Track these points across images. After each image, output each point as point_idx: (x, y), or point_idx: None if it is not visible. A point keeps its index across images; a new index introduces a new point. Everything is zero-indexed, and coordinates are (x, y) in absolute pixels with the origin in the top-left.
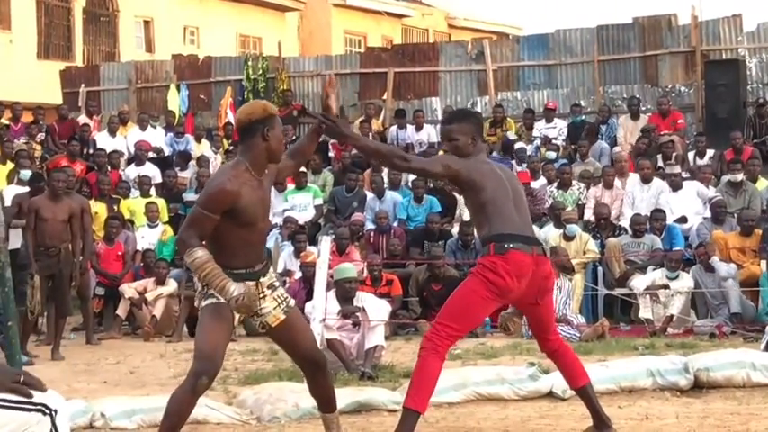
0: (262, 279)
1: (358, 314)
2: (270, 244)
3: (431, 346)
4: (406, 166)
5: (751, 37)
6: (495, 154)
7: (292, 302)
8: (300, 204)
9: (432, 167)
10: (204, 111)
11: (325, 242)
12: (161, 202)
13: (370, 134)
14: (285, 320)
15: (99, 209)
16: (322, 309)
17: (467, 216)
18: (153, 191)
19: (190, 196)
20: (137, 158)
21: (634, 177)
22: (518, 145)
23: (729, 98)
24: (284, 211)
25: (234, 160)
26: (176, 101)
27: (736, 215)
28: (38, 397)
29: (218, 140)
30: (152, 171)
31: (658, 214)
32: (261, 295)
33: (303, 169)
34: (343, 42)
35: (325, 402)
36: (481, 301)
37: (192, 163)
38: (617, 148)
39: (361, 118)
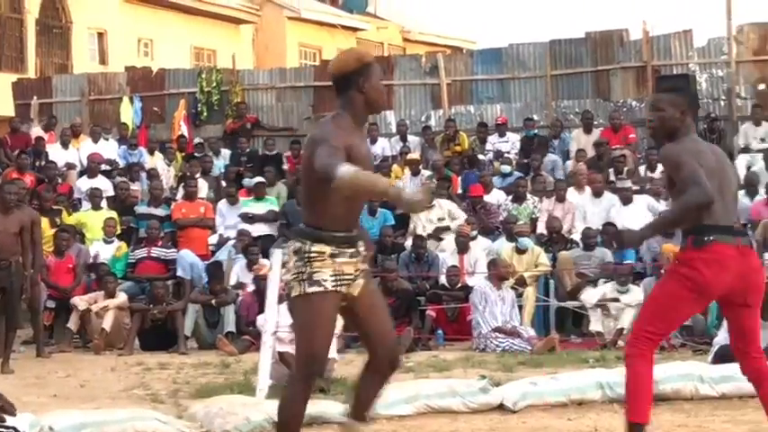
0: (359, 245)
1: None
2: (222, 256)
3: (636, 353)
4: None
5: (701, 52)
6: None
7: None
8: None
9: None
10: (158, 123)
11: (277, 255)
12: (114, 216)
13: None
14: (364, 288)
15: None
16: (274, 322)
17: (420, 229)
18: (104, 203)
19: (142, 209)
20: (89, 171)
21: (586, 191)
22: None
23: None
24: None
25: (334, 113)
26: (129, 113)
27: None
28: (9, 420)
29: (171, 153)
30: (104, 184)
31: (609, 228)
32: (359, 272)
33: (262, 179)
34: (298, 55)
35: (364, 408)
36: (680, 300)
37: (144, 175)
38: (570, 162)
39: None
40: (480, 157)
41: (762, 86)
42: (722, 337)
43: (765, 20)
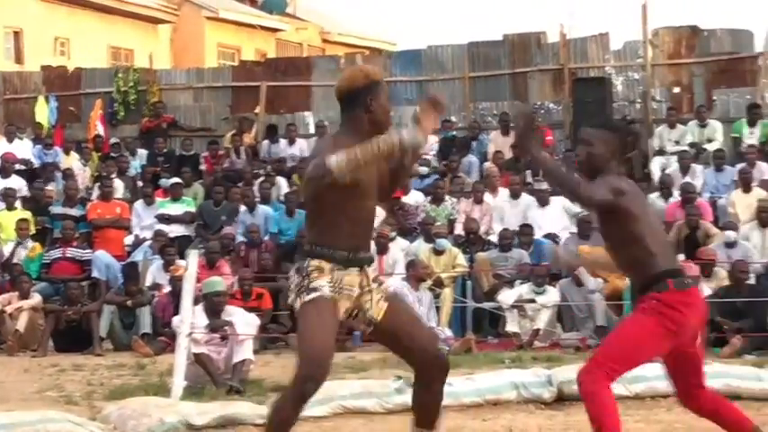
0: (367, 268)
1: (226, 328)
2: (139, 257)
3: (597, 384)
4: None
5: (617, 55)
6: None
7: (392, 290)
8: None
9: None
10: (74, 123)
11: (193, 256)
12: (28, 216)
13: (242, 147)
14: (389, 309)
15: None
16: (189, 323)
17: None
18: (18, 203)
19: (57, 209)
20: (3, 170)
21: (503, 192)
22: None
23: (597, 115)
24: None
25: (336, 134)
26: (45, 112)
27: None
28: None
29: (87, 153)
30: (18, 183)
31: (526, 229)
32: (366, 288)
33: (179, 180)
34: (216, 55)
35: (428, 416)
36: (655, 339)
37: (59, 175)
38: (487, 164)
39: (232, 131)
40: None
41: (676, 89)
42: None
43: (680, 24)
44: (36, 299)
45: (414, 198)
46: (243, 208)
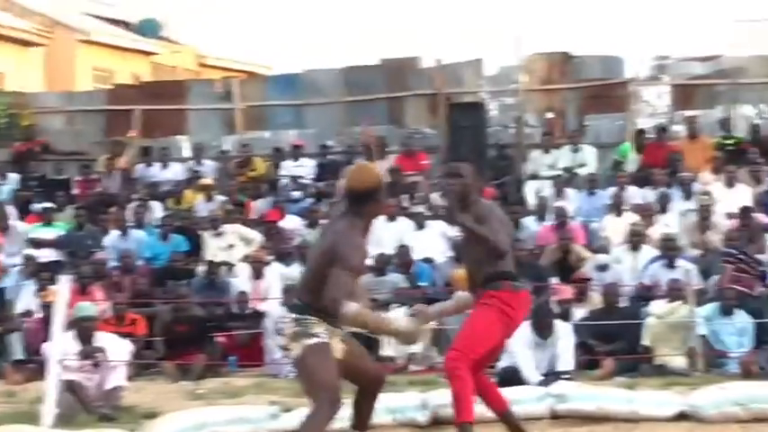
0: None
1: (98, 354)
2: (9, 283)
3: (460, 366)
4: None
5: (492, 81)
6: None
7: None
8: None
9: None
10: None
11: (65, 281)
12: None
13: (115, 171)
14: (349, 349)
15: None
16: (61, 349)
17: (210, 255)
18: None
19: None
20: None
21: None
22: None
23: (472, 140)
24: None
25: (349, 222)
26: None
27: None
28: None
29: None
30: None
31: (403, 249)
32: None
33: (51, 205)
34: (91, 78)
35: (364, 420)
36: (496, 330)
37: None
38: None
39: (106, 155)
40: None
41: (549, 115)
42: (505, 360)
43: (552, 50)
44: None
45: (290, 222)
46: (116, 232)
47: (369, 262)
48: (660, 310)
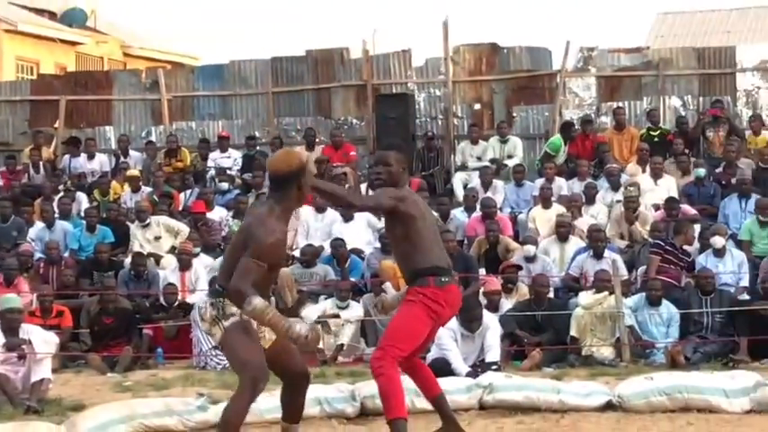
0: None
1: (24, 346)
2: None
3: (386, 364)
4: (360, 205)
5: (420, 72)
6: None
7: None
8: None
9: (383, 201)
10: None
11: None
12: None
13: (41, 162)
14: (276, 342)
15: None
16: None
17: (137, 246)
18: None
19: None
20: None
21: (308, 207)
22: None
23: (399, 131)
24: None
25: (268, 206)
26: None
27: None
28: None
29: None
30: None
31: (338, 242)
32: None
33: None
34: (15, 69)
35: (294, 413)
36: (424, 325)
37: None
38: None
39: (30, 146)
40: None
41: (477, 106)
42: (434, 352)
43: (480, 41)
44: None
45: (217, 213)
46: (41, 224)
47: (297, 254)
48: (587, 301)
